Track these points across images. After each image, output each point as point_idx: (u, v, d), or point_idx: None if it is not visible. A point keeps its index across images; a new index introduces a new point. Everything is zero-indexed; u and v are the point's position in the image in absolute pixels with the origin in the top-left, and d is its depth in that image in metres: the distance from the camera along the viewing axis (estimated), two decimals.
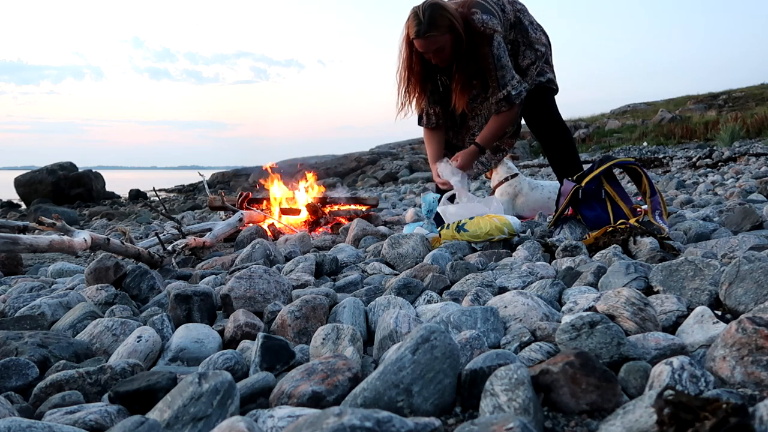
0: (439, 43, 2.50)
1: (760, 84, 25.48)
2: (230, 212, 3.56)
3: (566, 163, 2.79)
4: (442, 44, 2.51)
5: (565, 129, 2.86)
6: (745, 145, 10.96)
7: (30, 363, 1.07)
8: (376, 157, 17.18)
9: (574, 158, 2.80)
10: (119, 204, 14.77)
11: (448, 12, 2.48)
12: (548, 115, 2.82)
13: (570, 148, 2.83)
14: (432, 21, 2.45)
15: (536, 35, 2.75)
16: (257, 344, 1.04)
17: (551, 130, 2.83)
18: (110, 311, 1.50)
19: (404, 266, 2.00)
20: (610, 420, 0.73)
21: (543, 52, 2.76)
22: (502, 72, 2.58)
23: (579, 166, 2.75)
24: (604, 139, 18.32)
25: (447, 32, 2.48)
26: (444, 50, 2.54)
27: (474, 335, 1.02)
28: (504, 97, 2.61)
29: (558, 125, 2.84)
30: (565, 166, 2.77)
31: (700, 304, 1.18)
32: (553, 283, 1.40)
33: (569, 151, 2.82)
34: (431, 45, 2.51)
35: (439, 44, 2.51)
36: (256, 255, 2.14)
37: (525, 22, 2.73)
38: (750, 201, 3.30)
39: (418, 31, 2.47)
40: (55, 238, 1.86)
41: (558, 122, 2.84)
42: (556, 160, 2.85)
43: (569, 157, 2.80)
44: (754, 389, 0.79)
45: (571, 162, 2.78)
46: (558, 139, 2.83)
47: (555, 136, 2.83)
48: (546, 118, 2.82)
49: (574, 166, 2.74)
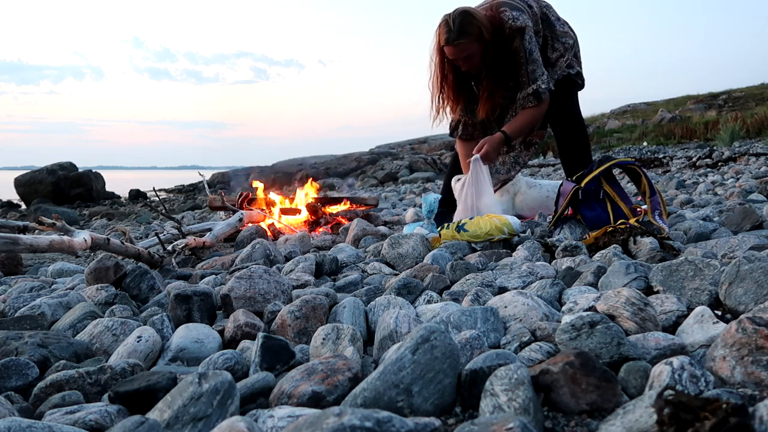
0: (468, 51, 2.54)
1: (760, 84, 25.48)
2: (230, 212, 3.56)
3: (578, 162, 2.78)
4: (471, 52, 2.55)
5: (583, 128, 2.86)
6: (745, 145, 10.95)
7: (30, 363, 1.07)
8: (376, 157, 17.19)
9: (587, 158, 2.80)
10: (119, 204, 14.77)
11: (478, 20, 2.51)
12: (569, 111, 2.81)
13: (585, 147, 2.82)
14: (462, 28, 2.49)
15: (563, 29, 2.77)
16: (257, 344, 1.04)
17: (569, 127, 2.82)
18: (110, 311, 1.50)
19: (404, 266, 2.00)
20: (610, 420, 0.73)
21: (571, 44, 2.78)
22: (533, 66, 2.59)
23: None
24: (604, 139, 18.31)
25: (476, 40, 2.52)
26: (473, 58, 2.58)
27: (474, 335, 1.02)
28: (533, 92, 2.62)
29: (577, 123, 2.83)
30: (577, 165, 2.77)
31: (700, 304, 1.18)
32: (553, 283, 1.40)
33: (584, 150, 2.82)
34: (461, 52, 2.55)
35: (468, 51, 2.55)
36: (256, 255, 2.14)
37: (551, 18, 2.75)
38: (750, 201, 3.30)
39: (448, 38, 2.52)
40: (55, 238, 1.86)
41: (578, 120, 2.84)
42: (568, 158, 2.84)
43: (582, 156, 2.80)
44: (754, 389, 0.79)
45: (583, 162, 2.78)
46: (575, 136, 2.82)
47: (572, 132, 2.82)
48: (567, 113, 2.81)
49: (585, 166, 2.74)
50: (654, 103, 26.97)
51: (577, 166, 2.73)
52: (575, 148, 2.81)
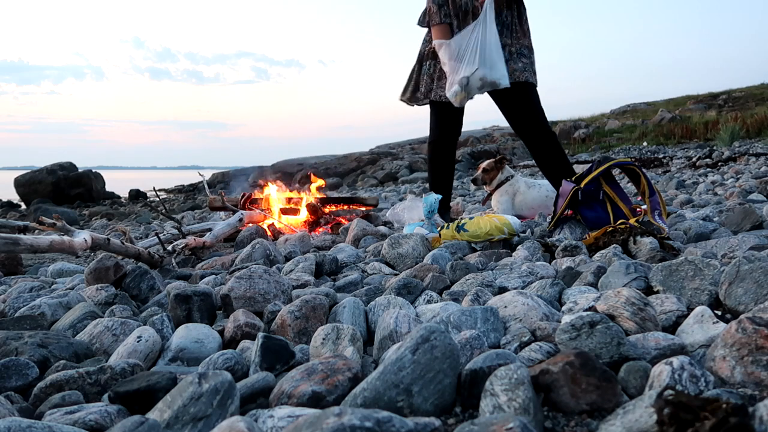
0: None
1: (760, 84, 25.47)
2: (230, 212, 3.56)
3: (558, 169, 2.82)
4: None
5: (552, 133, 2.89)
6: (745, 145, 10.95)
7: (30, 363, 1.07)
8: (376, 157, 17.19)
9: (564, 164, 2.83)
10: (119, 204, 14.77)
11: None
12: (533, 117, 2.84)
13: (559, 153, 2.86)
14: None
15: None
16: (257, 344, 1.04)
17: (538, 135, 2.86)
18: (110, 311, 1.50)
19: (404, 266, 2.00)
20: (610, 420, 0.73)
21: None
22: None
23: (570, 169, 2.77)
24: (604, 139, 18.31)
25: None
26: None
27: (474, 335, 1.02)
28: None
29: (544, 129, 2.86)
30: (557, 172, 2.80)
31: (700, 304, 1.18)
32: (553, 283, 1.40)
33: (559, 156, 2.85)
34: None
35: None
36: (256, 255, 2.14)
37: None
38: (750, 201, 3.30)
39: None
40: (56, 238, 1.86)
41: (544, 126, 2.87)
42: (547, 167, 2.89)
43: (560, 163, 2.83)
44: (754, 389, 0.79)
45: (562, 168, 2.81)
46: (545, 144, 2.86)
47: (542, 140, 2.86)
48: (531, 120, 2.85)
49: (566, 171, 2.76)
50: (654, 103, 26.96)
51: (558, 172, 2.77)
52: (551, 156, 2.84)
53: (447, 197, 3.22)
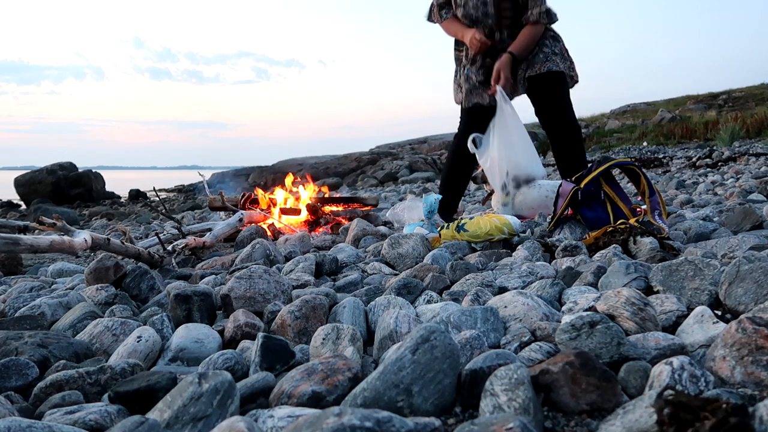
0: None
1: (760, 84, 25.48)
2: (230, 212, 3.56)
3: (574, 164, 2.82)
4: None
5: (578, 128, 2.90)
6: (744, 145, 10.95)
7: (30, 363, 1.07)
8: (376, 157, 17.19)
9: (582, 160, 2.83)
10: (119, 204, 14.77)
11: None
12: (561, 111, 2.85)
13: (580, 149, 2.86)
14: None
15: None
16: (257, 344, 1.04)
17: (563, 128, 2.86)
18: (110, 311, 1.50)
19: (404, 266, 2.00)
20: (610, 420, 0.73)
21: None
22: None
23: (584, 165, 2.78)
24: (604, 139, 18.31)
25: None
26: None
27: (474, 335, 1.02)
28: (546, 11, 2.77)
29: (571, 123, 2.87)
30: (573, 167, 2.80)
31: (700, 304, 1.18)
32: (553, 283, 1.40)
33: (579, 152, 2.86)
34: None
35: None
36: (256, 255, 2.14)
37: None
38: (750, 201, 3.30)
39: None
40: (56, 238, 1.86)
41: (571, 120, 2.87)
42: (564, 160, 2.88)
43: (578, 159, 2.84)
44: (754, 389, 0.79)
45: (579, 164, 2.81)
46: (569, 138, 2.86)
47: (567, 134, 2.87)
48: (559, 114, 2.85)
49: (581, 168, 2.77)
50: (654, 103, 26.97)
51: (573, 169, 2.77)
52: (570, 151, 2.84)
53: (456, 201, 3.24)
